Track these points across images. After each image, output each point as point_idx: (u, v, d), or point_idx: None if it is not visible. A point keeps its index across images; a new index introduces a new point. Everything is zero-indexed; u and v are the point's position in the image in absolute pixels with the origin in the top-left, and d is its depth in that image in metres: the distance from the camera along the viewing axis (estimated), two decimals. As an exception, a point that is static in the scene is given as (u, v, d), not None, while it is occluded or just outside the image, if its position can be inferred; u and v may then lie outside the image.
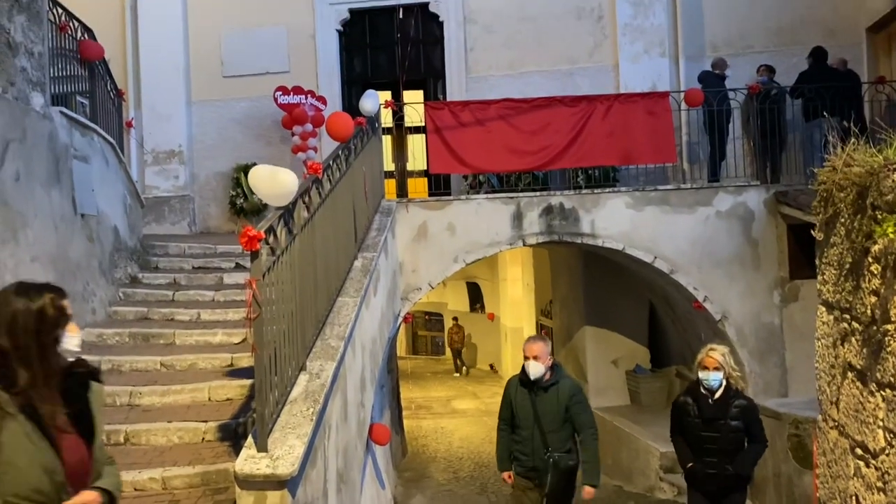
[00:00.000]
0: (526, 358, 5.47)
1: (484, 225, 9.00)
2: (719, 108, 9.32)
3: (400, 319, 8.76)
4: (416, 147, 9.83)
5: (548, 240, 9.21)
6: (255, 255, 4.03)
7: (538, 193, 9.16)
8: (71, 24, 7.43)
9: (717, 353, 5.29)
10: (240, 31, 11.53)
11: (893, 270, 2.47)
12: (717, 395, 5.24)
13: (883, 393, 2.58)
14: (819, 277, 3.14)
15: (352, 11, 11.45)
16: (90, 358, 5.92)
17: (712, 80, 9.73)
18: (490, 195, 9.35)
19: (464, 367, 21.55)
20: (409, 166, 9.75)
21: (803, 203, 7.88)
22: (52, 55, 6.85)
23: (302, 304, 4.81)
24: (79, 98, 7.59)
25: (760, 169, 9.12)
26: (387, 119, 9.12)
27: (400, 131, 9.36)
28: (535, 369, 5.40)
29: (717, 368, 5.20)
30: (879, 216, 2.56)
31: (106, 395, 5.33)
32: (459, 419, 15.40)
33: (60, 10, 7.20)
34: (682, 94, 9.37)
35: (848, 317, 2.87)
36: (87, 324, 6.51)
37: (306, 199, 4.94)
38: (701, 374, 5.28)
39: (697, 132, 10.15)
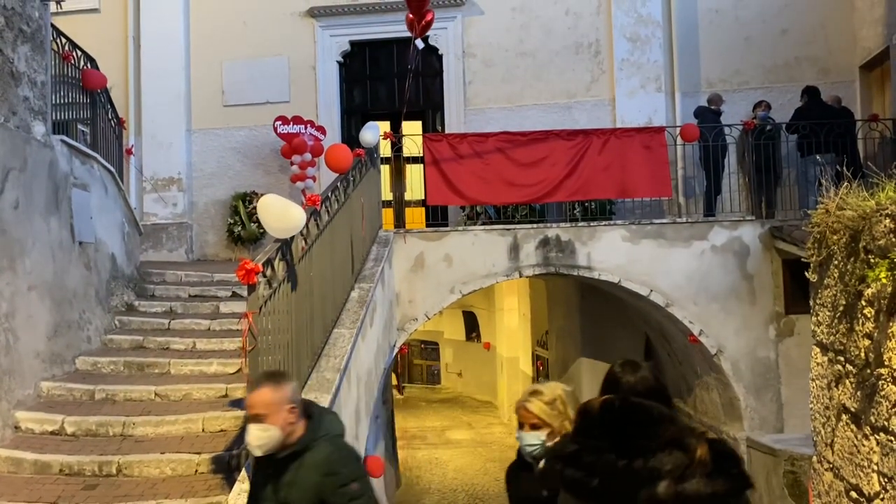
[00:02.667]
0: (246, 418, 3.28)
1: (481, 256, 9.03)
2: (715, 144, 9.41)
3: (396, 350, 8.75)
4: (414, 177, 9.90)
5: (544, 272, 9.23)
6: (252, 288, 4.05)
7: (535, 225, 9.20)
8: (74, 53, 7.51)
9: (535, 403, 2.96)
10: (241, 61, 11.65)
11: (887, 314, 2.49)
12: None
13: (877, 437, 2.59)
14: (813, 318, 3.17)
15: (352, 43, 11.59)
16: (84, 387, 5.93)
17: (708, 116, 9.83)
18: (487, 227, 9.40)
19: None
20: (407, 196, 9.81)
21: (798, 238, 7.92)
22: (55, 83, 6.91)
23: (298, 334, 4.81)
24: (80, 126, 7.64)
25: (756, 204, 9.18)
26: (385, 150, 9.19)
27: (398, 161, 9.43)
28: (257, 435, 2.94)
29: (535, 426, 2.95)
30: (872, 260, 2.58)
31: (99, 425, 5.33)
32: (454, 450, 15.30)
33: (64, 40, 7.28)
34: (678, 130, 9.46)
35: (842, 359, 2.89)
36: (82, 352, 6.49)
37: (304, 231, 4.97)
38: (517, 435, 3.09)
39: (693, 167, 10.25)
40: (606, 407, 1.93)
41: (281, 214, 4.44)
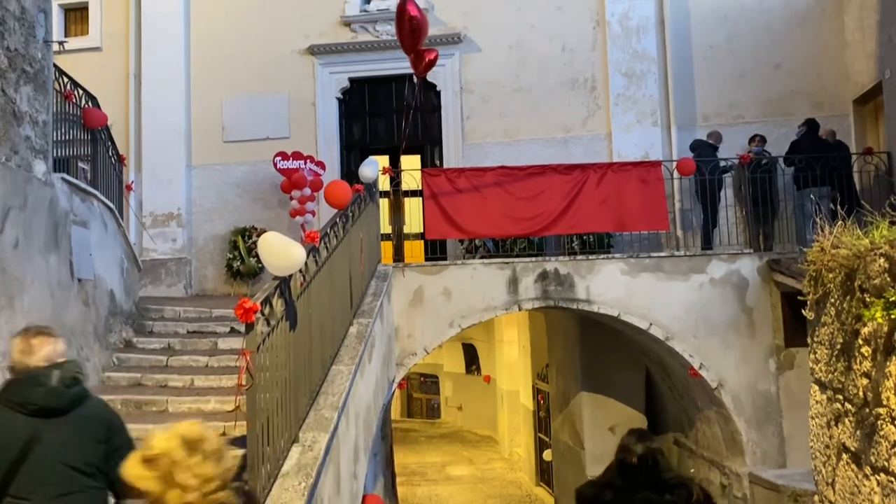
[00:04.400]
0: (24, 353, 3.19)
1: (479, 290, 9.03)
2: (711, 177, 9.48)
3: (395, 386, 8.71)
4: (413, 210, 9.94)
5: (543, 305, 9.23)
6: (250, 327, 4.05)
7: (533, 259, 9.22)
8: (76, 92, 7.60)
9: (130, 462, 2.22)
10: (242, 98, 11.78)
11: (884, 354, 2.49)
12: None
13: (878, 477, 2.57)
14: (811, 356, 3.17)
15: (352, 80, 11.73)
16: (81, 425, 5.88)
17: (705, 149, 9.92)
18: (486, 260, 9.42)
19: None
20: (406, 229, 9.83)
21: (796, 271, 7.94)
22: (56, 121, 6.98)
23: (296, 372, 4.80)
24: (80, 164, 7.69)
25: (753, 237, 9.22)
26: (385, 184, 9.25)
27: (397, 195, 9.48)
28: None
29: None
30: (868, 299, 2.59)
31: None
32: (454, 486, 15.14)
33: (66, 80, 7.37)
34: (675, 164, 9.53)
35: (841, 397, 2.88)
36: (79, 390, 6.45)
37: (303, 267, 4.98)
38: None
39: (690, 200, 10.31)
40: (641, 458, 3.22)
41: (282, 253, 4.46)
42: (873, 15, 9.76)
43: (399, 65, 9.02)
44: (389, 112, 11.64)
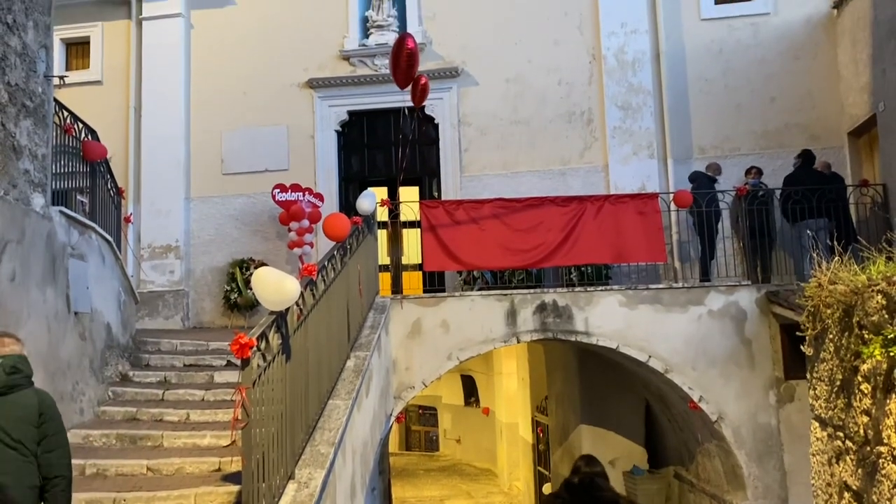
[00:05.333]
0: None
1: (478, 322, 9.00)
2: (708, 210, 9.51)
3: (392, 419, 8.63)
4: (411, 241, 9.95)
5: (542, 337, 9.19)
6: (245, 363, 4.02)
7: (532, 291, 9.20)
8: (76, 125, 7.64)
9: None
10: (241, 130, 11.86)
11: (883, 391, 2.48)
12: None
13: (880, 517, 2.54)
14: (811, 392, 3.14)
15: (350, 113, 11.83)
16: (74, 462, 5.80)
17: (703, 181, 9.97)
18: (484, 292, 9.40)
19: None
20: (404, 260, 9.83)
21: (795, 303, 7.92)
22: (55, 153, 7.01)
23: (292, 405, 4.76)
24: (78, 197, 7.71)
25: (751, 268, 9.21)
26: (383, 215, 9.28)
27: (395, 227, 9.49)
28: None
29: None
30: (866, 336, 2.58)
31: (88, 502, 5.20)
32: (453, 520, 14.91)
33: (66, 113, 7.42)
34: (672, 196, 9.57)
35: (841, 434, 2.86)
36: (74, 425, 6.39)
37: (300, 301, 4.96)
38: None
39: (687, 231, 10.33)
40: (581, 478, 4.19)
41: (276, 287, 4.45)
42: (866, 49, 9.88)
43: (397, 98, 9.10)
44: (388, 144, 11.71)
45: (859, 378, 2.69)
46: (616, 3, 11.26)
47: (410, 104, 9.13)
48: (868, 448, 2.63)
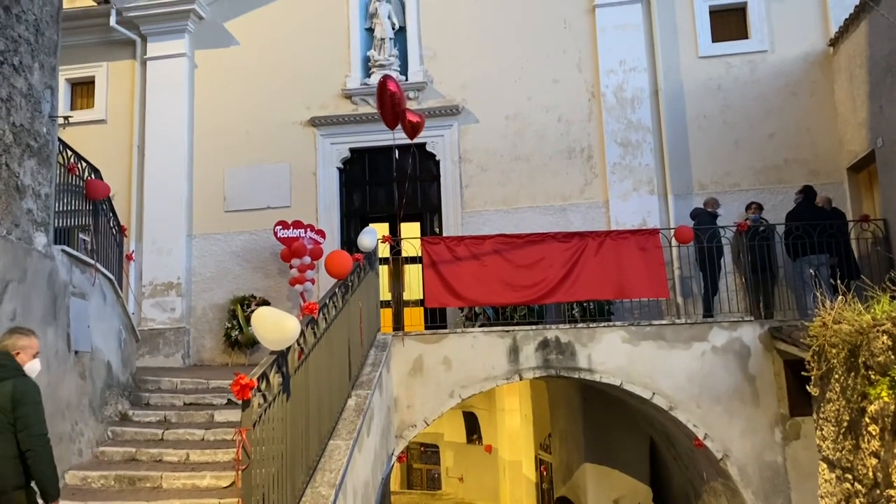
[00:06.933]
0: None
1: (480, 359, 8.95)
2: (710, 245, 9.51)
3: (394, 459, 8.53)
4: (413, 277, 9.94)
5: (545, 374, 9.13)
6: (246, 404, 3.99)
7: (534, 327, 9.16)
8: (79, 164, 7.69)
9: None
10: (243, 168, 11.94)
11: (892, 433, 2.45)
12: None
13: (892, 562, 2.49)
14: (818, 433, 3.11)
15: (352, 150, 11.91)
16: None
17: (704, 217, 9.99)
18: (486, 328, 9.35)
19: None
20: (406, 295, 9.81)
21: (798, 339, 7.87)
22: (59, 191, 7.04)
23: (293, 445, 4.70)
24: (81, 236, 7.73)
25: (754, 304, 9.18)
26: (384, 251, 9.28)
27: (397, 263, 9.49)
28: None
29: None
30: (873, 376, 2.56)
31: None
32: (456, 561, 14.65)
33: (70, 153, 7.47)
34: (673, 231, 9.58)
35: (850, 477, 2.81)
36: (72, 466, 6.33)
37: (301, 340, 4.94)
38: None
39: (690, 267, 10.32)
40: None
41: (276, 327, 4.43)
42: (863, 86, 9.97)
43: (399, 135, 9.18)
44: (389, 181, 11.78)
45: (867, 419, 2.66)
46: (614, 42, 11.40)
47: (410, 141, 9.26)
48: (878, 491, 2.59)
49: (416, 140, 9.54)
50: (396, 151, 9.24)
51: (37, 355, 4.79)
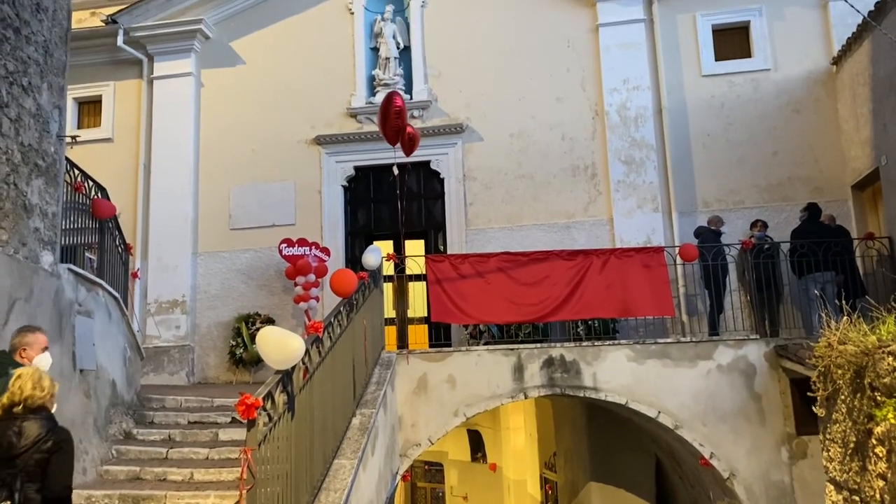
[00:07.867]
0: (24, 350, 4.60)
1: (485, 377, 8.93)
2: (714, 263, 9.50)
3: (398, 478, 8.49)
4: (417, 295, 9.95)
5: (550, 393, 9.10)
6: (251, 423, 3.99)
7: (539, 345, 9.14)
8: (86, 184, 7.75)
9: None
10: (249, 186, 12.00)
11: (898, 455, 2.44)
12: None
13: (901, 586, 2.47)
14: (824, 454, 3.09)
15: (357, 168, 11.97)
16: (75, 524, 5.71)
17: (708, 235, 9.99)
18: (490, 346, 9.34)
19: None
20: (410, 313, 9.81)
21: (804, 358, 7.85)
22: (65, 210, 7.09)
23: (297, 465, 4.69)
24: (87, 254, 7.77)
25: (759, 322, 9.16)
26: (389, 269, 9.30)
27: (401, 281, 9.50)
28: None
29: None
30: (879, 398, 2.55)
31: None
32: (460, 581, 14.52)
33: (77, 172, 7.53)
34: (677, 249, 9.58)
35: (858, 499, 2.80)
36: (76, 486, 6.28)
37: (306, 359, 4.94)
38: None
39: (694, 285, 10.31)
40: None
41: (280, 346, 4.44)
42: (866, 104, 9.99)
43: (400, 153, 9.23)
44: (393, 199, 11.78)
45: (873, 441, 2.65)
46: (618, 61, 11.47)
47: (415, 159, 9.31)
48: (885, 514, 2.57)
49: (420, 158, 9.60)
50: (395, 168, 9.29)
51: (46, 349, 4.72)
